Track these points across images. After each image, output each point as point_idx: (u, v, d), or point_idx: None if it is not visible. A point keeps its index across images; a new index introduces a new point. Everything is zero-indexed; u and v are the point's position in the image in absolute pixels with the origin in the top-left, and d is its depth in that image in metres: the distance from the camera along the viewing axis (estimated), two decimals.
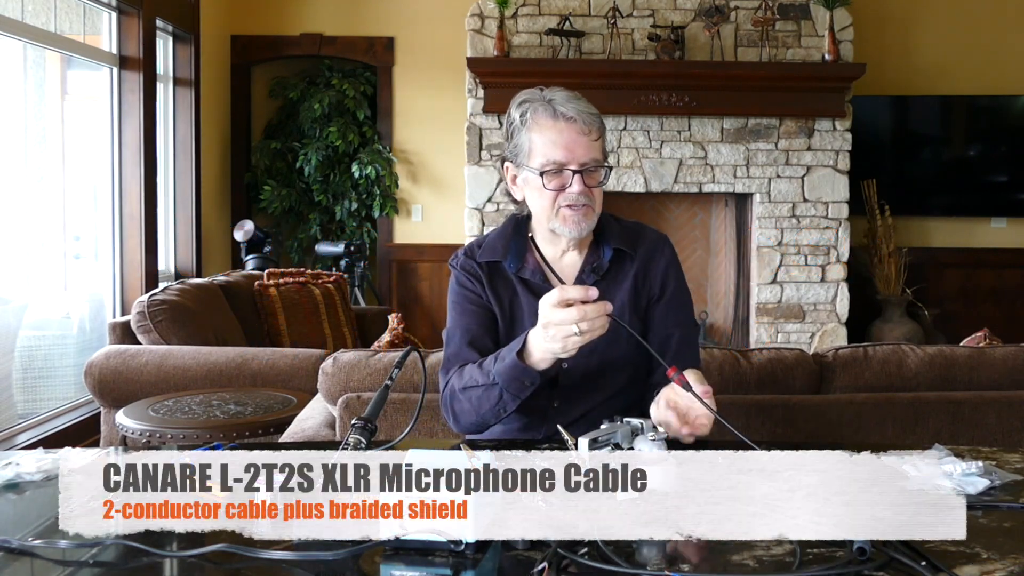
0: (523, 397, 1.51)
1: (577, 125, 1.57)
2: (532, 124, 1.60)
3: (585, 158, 1.58)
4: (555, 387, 1.66)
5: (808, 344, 5.47)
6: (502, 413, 1.55)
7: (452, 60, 5.59)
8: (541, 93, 1.62)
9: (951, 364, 2.21)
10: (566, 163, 1.58)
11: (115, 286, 4.63)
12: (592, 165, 1.59)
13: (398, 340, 3.14)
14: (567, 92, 1.62)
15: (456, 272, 1.73)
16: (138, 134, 4.60)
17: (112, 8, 4.55)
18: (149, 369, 3.19)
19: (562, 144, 1.57)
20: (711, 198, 5.76)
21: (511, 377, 1.49)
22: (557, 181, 1.59)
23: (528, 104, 1.61)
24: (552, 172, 1.58)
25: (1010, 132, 5.88)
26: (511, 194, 1.71)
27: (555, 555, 1.03)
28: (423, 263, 5.98)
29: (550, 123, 1.58)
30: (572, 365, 1.65)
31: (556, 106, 1.58)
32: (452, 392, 1.61)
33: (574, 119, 1.57)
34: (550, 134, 1.58)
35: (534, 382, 1.49)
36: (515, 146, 1.63)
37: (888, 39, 5.81)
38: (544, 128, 1.59)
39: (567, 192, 1.59)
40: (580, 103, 1.59)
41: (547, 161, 1.58)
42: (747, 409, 2.09)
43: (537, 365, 1.48)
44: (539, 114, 1.59)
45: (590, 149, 1.58)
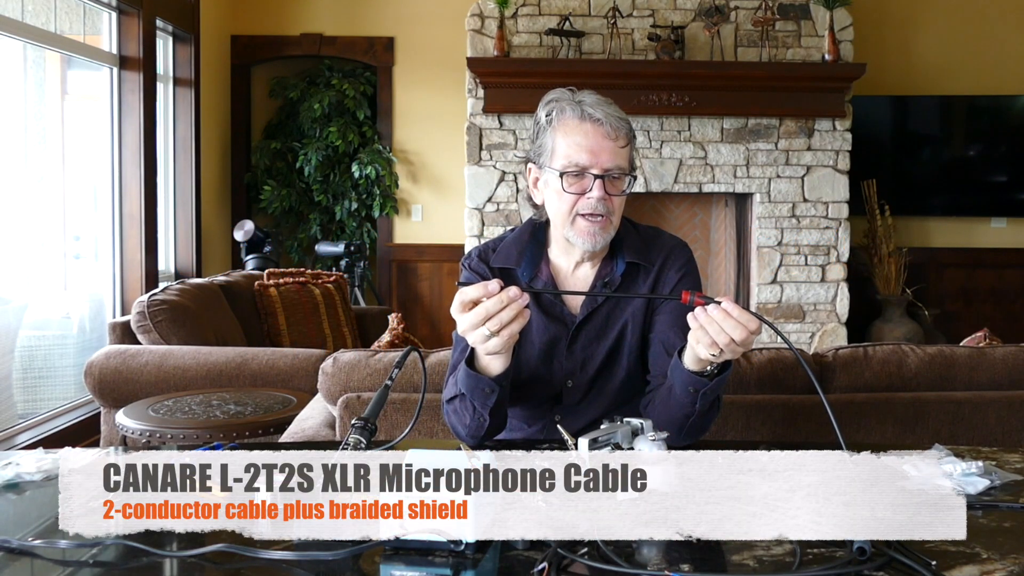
0: (491, 405, 1.46)
1: (604, 128, 1.51)
2: (558, 124, 1.55)
3: (609, 164, 1.52)
4: (559, 403, 1.64)
5: (808, 344, 5.47)
6: (483, 422, 1.49)
7: (452, 60, 5.59)
8: (571, 94, 1.56)
9: (951, 364, 2.20)
10: (589, 167, 1.52)
11: (115, 286, 4.63)
12: (616, 172, 1.53)
13: (398, 340, 3.14)
14: (599, 96, 1.56)
15: (466, 273, 1.67)
16: (138, 134, 4.60)
17: (112, 8, 4.55)
18: (149, 369, 3.19)
19: (587, 147, 1.52)
20: (711, 198, 5.76)
21: (471, 386, 1.45)
22: (578, 185, 1.53)
23: (555, 104, 1.56)
24: (573, 175, 1.53)
25: (1010, 132, 5.88)
26: (531, 198, 1.65)
27: (555, 555, 1.03)
28: (423, 263, 5.99)
29: (576, 124, 1.53)
30: (575, 384, 1.63)
31: (584, 107, 1.53)
32: (444, 403, 1.58)
33: (601, 121, 1.51)
34: (575, 135, 1.53)
35: (493, 389, 1.44)
36: (539, 146, 1.58)
37: (888, 39, 5.82)
38: (569, 129, 1.53)
39: (586, 198, 1.53)
40: (610, 107, 1.54)
41: (569, 163, 1.53)
42: (747, 409, 2.09)
43: (486, 370, 1.44)
44: (566, 114, 1.54)
45: (615, 155, 1.52)
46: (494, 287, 1.30)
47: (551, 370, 1.63)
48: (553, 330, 1.63)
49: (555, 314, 1.63)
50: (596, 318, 1.63)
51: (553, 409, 1.64)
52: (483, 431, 1.52)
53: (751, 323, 1.30)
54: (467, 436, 1.55)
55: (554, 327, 1.63)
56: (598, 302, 1.63)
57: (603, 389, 1.64)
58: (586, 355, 1.63)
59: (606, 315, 1.63)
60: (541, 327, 1.63)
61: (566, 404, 1.64)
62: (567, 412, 1.63)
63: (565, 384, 1.63)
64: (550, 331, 1.63)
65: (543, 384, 1.63)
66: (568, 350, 1.62)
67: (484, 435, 1.53)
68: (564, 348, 1.62)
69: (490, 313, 1.30)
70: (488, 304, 1.29)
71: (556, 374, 1.63)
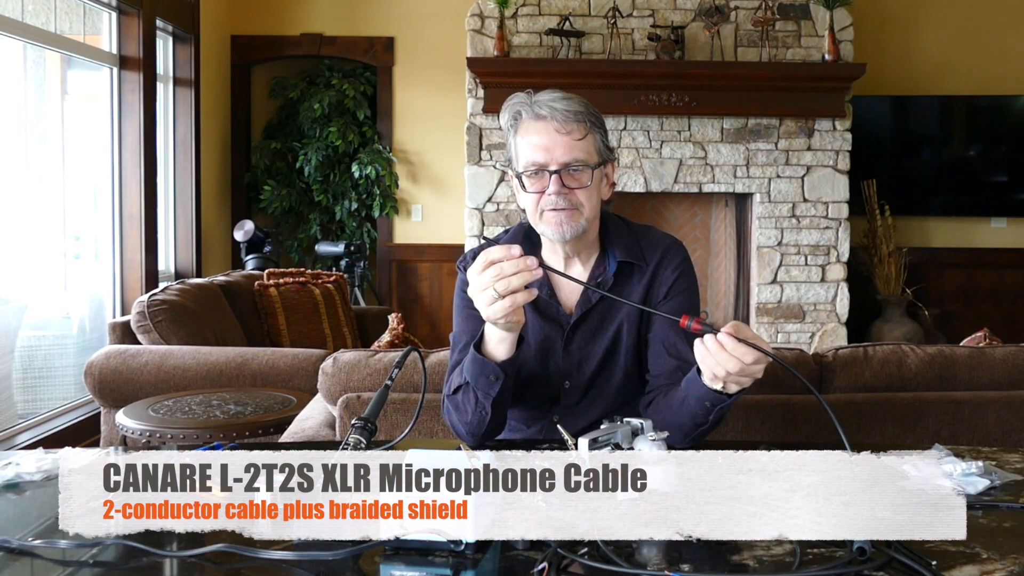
0: (493, 395, 1.47)
1: (553, 123, 1.51)
2: (519, 127, 1.56)
3: (565, 158, 1.52)
4: (557, 404, 1.64)
5: (808, 344, 5.47)
6: (484, 416, 1.50)
7: (452, 60, 5.59)
8: (528, 96, 1.57)
9: (951, 364, 2.20)
10: (545, 164, 1.53)
11: (115, 286, 4.63)
12: (575, 165, 1.53)
13: (398, 340, 3.14)
14: (555, 92, 1.56)
15: (463, 275, 1.67)
16: (138, 134, 4.60)
17: (112, 8, 4.55)
18: (149, 369, 3.19)
19: (540, 145, 1.52)
20: (711, 198, 5.76)
21: (476, 373, 1.46)
22: (538, 183, 1.54)
23: (514, 109, 1.57)
24: (531, 174, 1.54)
25: (1010, 132, 5.87)
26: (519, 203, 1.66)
27: (555, 555, 1.03)
28: (423, 263, 5.98)
29: (530, 124, 1.54)
30: (572, 384, 1.63)
31: (535, 107, 1.54)
32: (445, 399, 1.58)
33: (547, 117, 1.52)
34: (531, 135, 1.54)
35: (498, 376, 1.45)
36: (508, 152, 1.61)
37: (888, 39, 5.82)
38: (526, 130, 1.55)
39: (547, 194, 1.53)
40: (563, 102, 1.53)
41: (528, 163, 1.54)
42: (747, 409, 2.09)
43: (493, 354, 1.45)
44: (522, 116, 1.56)
45: (571, 149, 1.52)
46: (516, 251, 1.32)
47: (548, 371, 1.63)
48: (548, 330, 1.63)
49: (550, 314, 1.63)
50: (591, 318, 1.63)
51: (551, 410, 1.64)
52: (484, 427, 1.52)
53: (746, 356, 1.27)
54: (467, 434, 1.54)
55: (549, 327, 1.63)
56: (592, 303, 1.62)
57: (601, 390, 1.63)
58: (582, 355, 1.63)
59: (601, 315, 1.63)
60: (536, 327, 1.63)
61: (564, 405, 1.64)
62: (565, 413, 1.63)
63: (562, 385, 1.63)
64: (545, 331, 1.63)
65: (540, 385, 1.63)
66: (564, 351, 1.62)
67: (484, 433, 1.53)
68: (560, 348, 1.62)
69: (503, 274, 1.31)
70: (504, 265, 1.31)
71: (553, 375, 1.63)
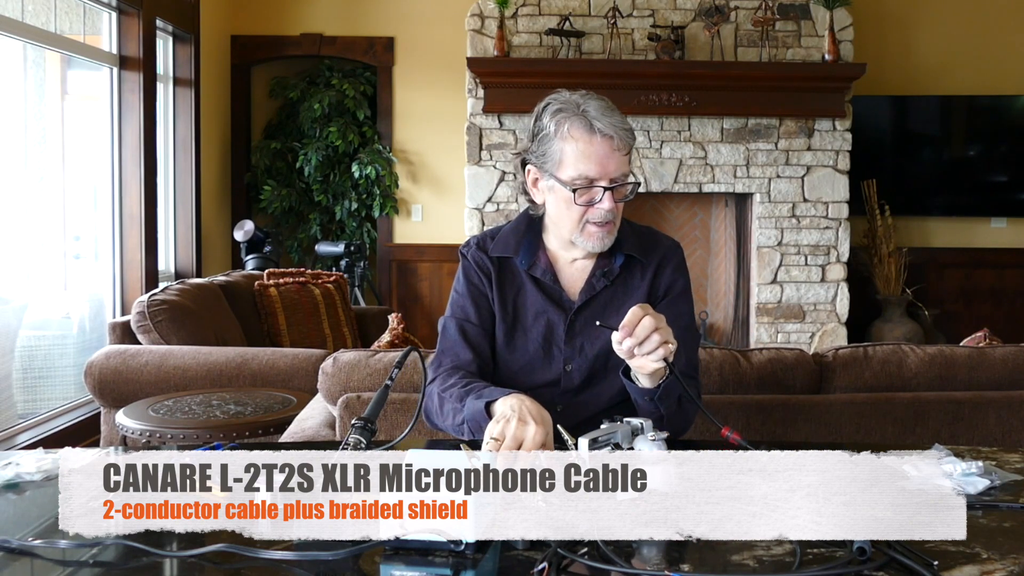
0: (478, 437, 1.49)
1: (613, 142, 1.55)
2: (567, 135, 1.56)
3: (616, 173, 1.56)
4: (557, 387, 1.66)
5: (808, 344, 5.47)
6: (462, 435, 1.55)
7: (452, 60, 5.59)
8: (576, 104, 1.57)
9: (951, 364, 2.21)
10: (597, 179, 1.56)
11: (115, 286, 4.63)
12: (621, 180, 1.57)
13: (398, 340, 3.14)
14: (600, 103, 1.57)
15: (465, 262, 1.73)
16: (138, 134, 4.60)
17: (112, 8, 4.55)
18: (149, 369, 3.19)
19: (596, 160, 1.55)
20: (711, 198, 5.76)
21: (474, 418, 1.49)
22: (587, 196, 1.57)
23: (563, 115, 1.57)
24: (583, 187, 1.56)
25: (1010, 132, 5.87)
26: (528, 194, 1.68)
27: (555, 555, 1.03)
28: (423, 263, 5.99)
29: (585, 137, 1.55)
30: (573, 368, 1.65)
31: (592, 120, 1.54)
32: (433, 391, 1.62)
33: (611, 137, 1.54)
34: (584, 148, 1.55)
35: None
36: (543, 153, 1.60)
37: (888, 39, 5.82)
38: (578, 141, 1.55)
39: (596, 208, 1.57)
40: (615, 117, 1.56)
41: (578, 175, 1.56)
42: (747, 409, 2.09)
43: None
44: (575, 127, 1.55)
45: (621, 164, 1.56)
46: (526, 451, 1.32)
47: (550, 354, 1.67)
48: (551, 313, 1.67)
49: (554, 298, 1.68)
50: (594, 305, 1.67)
51: (552, 395, 1.65)
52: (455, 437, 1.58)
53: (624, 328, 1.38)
54: (443, 428, 1.61)
55: (552, 310, 1.67)
56: (597, 289, 1.67)
57: (602, 377, 1.66)
58: (584, 339, 1.66)
59: (604, 304, 1.67)
60: (540, 309, 1.67)
61: (564, 388, 1.66)
62: (567, 400, 1.65)
63: (564, 368, 1.66)
64: (548, 314, 1.67)
65: (542, 368, 1.67)
66: (567, 335, 1.66)
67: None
68: (563, 332, 1.66)
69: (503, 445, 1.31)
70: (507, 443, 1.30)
71: (555, 358, 1.67)
